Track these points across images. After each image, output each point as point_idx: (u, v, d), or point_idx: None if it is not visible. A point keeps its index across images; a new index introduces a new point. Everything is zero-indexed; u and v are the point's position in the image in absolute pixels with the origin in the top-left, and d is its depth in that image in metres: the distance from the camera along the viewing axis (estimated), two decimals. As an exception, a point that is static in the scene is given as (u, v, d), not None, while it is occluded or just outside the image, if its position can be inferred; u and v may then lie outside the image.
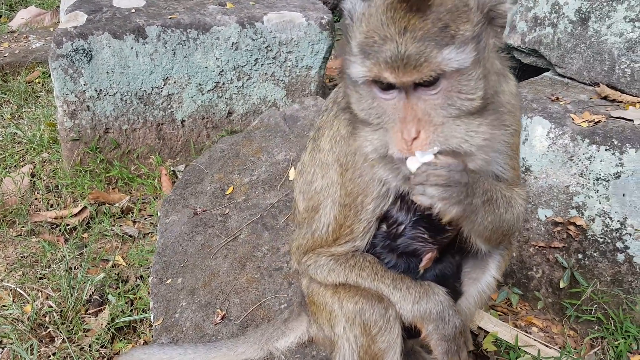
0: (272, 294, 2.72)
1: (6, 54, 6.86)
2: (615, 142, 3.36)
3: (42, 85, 6.58)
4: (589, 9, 3.81)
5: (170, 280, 2.93)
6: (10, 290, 3.86)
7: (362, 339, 2.00)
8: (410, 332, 2.06)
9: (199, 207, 3.30)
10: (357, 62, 1.64)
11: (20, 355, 3.31)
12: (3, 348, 3.44)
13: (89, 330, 3.59)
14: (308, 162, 2.19)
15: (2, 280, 3.96)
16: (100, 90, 4.62)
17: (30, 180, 4.94)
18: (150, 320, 3.56)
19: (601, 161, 3.42)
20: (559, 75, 4.12)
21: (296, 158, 3.31)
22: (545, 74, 4.23)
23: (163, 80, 4.74)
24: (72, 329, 3.56)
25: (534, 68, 4.46)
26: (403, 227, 1.99)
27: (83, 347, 3.44)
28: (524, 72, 5.26)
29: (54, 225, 4.53)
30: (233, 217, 3.20)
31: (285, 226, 3.07)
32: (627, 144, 3.32)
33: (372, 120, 1.72)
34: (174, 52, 4.65)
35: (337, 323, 2.07)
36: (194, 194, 3.44)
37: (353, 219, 1.99)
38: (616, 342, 3.52)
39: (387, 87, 1.66)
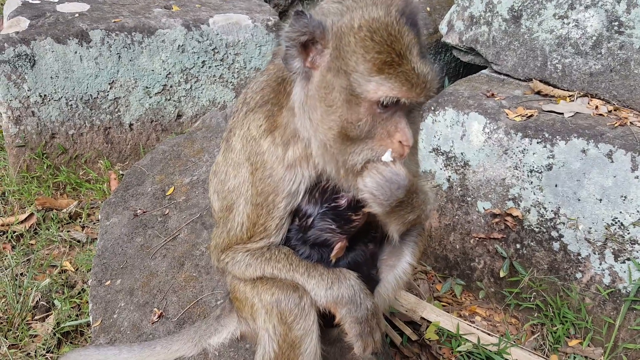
0: (209, 291, 2.76)
1: None
2: (547, 135, 3.49)
3: None
4: (520, 7, 3.93)
5: (109, 281, 2.93)
6: None
7: (280, 328, 2.06)
8: (329, 321, 2.12)
9: (140, 209, 3.31)
10: (374, 81, 1.69)
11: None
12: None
13: (35, 336, 3.57)
14: (221, 162, 2.23)
15: None
16: (45, 95, 4.58)
17: None
18: (96, 324, 3.58)
19: (534, 154, 3.54)
20: (495, 72, 4.24)
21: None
22: (483, 71, 4.35)
23: (109, 84, 4.72)
24: (18, 336, 3.54)
25: (473, 66, 4.59)
26: (312, 219, 2.07)
27: (29, 353, 3.42)
28: (464, 70, 5.42)
29: (1, 233, 4.46)
30: (173, 217, 3.23)
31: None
32: (557, 137, 3.45)
33: (357, 133, 1.78)
34: (119, 56, 4.63)
35: (258, 315, 2.12)
36: (134, 196, 3.44)
37: (266, 217, 2.05)
38: (554, 328, 3.66)
39: (391, 104, 1.74)
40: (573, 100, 3.74)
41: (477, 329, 3.63)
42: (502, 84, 4.10)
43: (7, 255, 4.18)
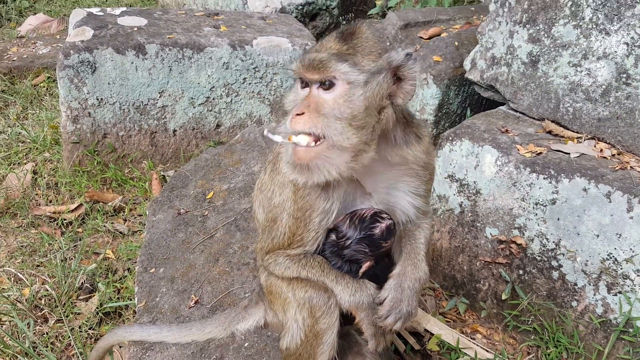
0: (239, 284, 3.14)
1: (14, 58, 7.21)
2: (552, 172, 3.71)
3: (47, 89, 6.92)
4: (538, 53, 4.21)
5: (154, 269, 3.34)
6: (11, 274, 4.23)
7: (309, 320, 2.44)
8: (346, 319, 2.52)
9: (182, 208, 3.72)
10: (293, 63, 2.16)
11: (20, 329, 3.69)
12: (2, 325, 3.84)
13: (79, 313, 3.95)
14: (268, 181, 2.64)
15: (3, 266, 4.33)
16: (102, 99, 5.03)
17: (32, 177, 5.28)
18: (134, 308, 3.98)
19: (540, 188, 3.77)
20: (512, 109, 4.48)
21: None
22: (500, 107, 4.59)
23: (159, 93, 5.15)
24: (65, 312, 3.92)
25: (493, 101, 4.89)
26: (350, 241, 2.47)
27: (73, 328, 3.80)
28: (485, 102, 5.70)
29: (52, 219, 4.88)
30: (211, 218, 3.62)
31: (254, 228, 3.51)
32: (562, 174, 3.67)
33: (290, 110, 2.21)
34: (170, 68, 5.07)
35: (290, 308, 2.51)
36: (178, 197, 3.86)
37: (303, 229, 2.42)
38: (549, 351, 3.83)
39: (304, 85, 2.16)
40: (580, 142, 3.96)
41: (476, 344, 3.87)
42: (517, 121, 4.35)
43: (57, 240, 4.61)
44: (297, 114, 2.07)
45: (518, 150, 3.96)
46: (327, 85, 2.08)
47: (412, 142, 2.34)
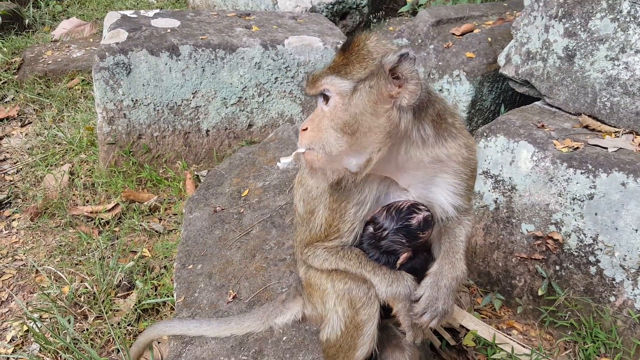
0: (276, 280, 3.17)
1: (49, 62, 7.37)
2: (590, 167, 3.69)
3: (82, 92, 7.05)
4: (575, 47, 4.17)
5: (192, 266, 3.38)
6: (51, 273, 4.33)
7: (349, 311, 2.45)
8: (385, 313, 2.52)
9: (218, 206, 3.77)
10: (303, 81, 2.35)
11: (61, 325, 3.78)
12: (43, 321, 3.93)
13: (118, 310, 4.03)
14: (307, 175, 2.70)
15: (43, 264, 4.44)
16: (136, 100, 5.11)
17: (69, 178, 5.39)
18: (171, 304, 4.04)
19: (577, 183, 3.75)
20: (548, 104, 4.46)
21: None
22: (536, 103, 4.57)
23: (192, 93, 5.22)
24: (104, 309, 3.99)
25: (528, 96, 4.85)
26: (387, 232, 2.48)
27: (112, 325, 3.88)
28: (520, 98, 5.66)
29: (90, 219, 4.97)
30: (247, 216, 3.66)
31: (290, 225, 3.54)
32: (600, 169, 3.65)
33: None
34: (203, 69, 5.14)
35: (329, 299, 2.52)
36: (214, 195, 3.91)
37: (339, 220, 2.46)
38: (586, 346, 3.82)
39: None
40: (618, 136, 3.94)
41: (513, 340, 3.85)
42: (553, 116, 4.32)
43: (94, 239, 4.70)
44: (303, 130, 2.27)
45: (554, 145, 3.94)
46: (326, 97, 2.21)
47: (446, 140, 2.34)
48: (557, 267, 3.97)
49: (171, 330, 3.00)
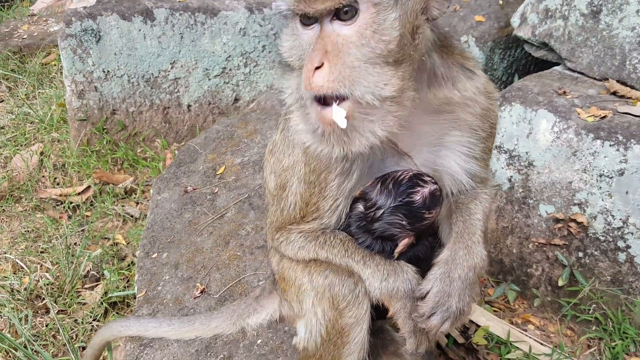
0: (252, 270, 2.86)
1: (25, 36, 7.11)
2: (620, 138, 3.34)
3: (58, 67, 6.79)
4: (600, 2, 3.80)
5: (156, 254, 3.09)
6: (11, 262, 4.02)
7: (330, 313, 2.01)
8: (379, 312, 2.06)
9: (190, 186, 3.42)
10: None
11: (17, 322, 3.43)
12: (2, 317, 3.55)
13: (84, 304, 3.74)
14: (279, 140, 2.20)
15: (5, 253, 4.13)
16: (108, 71, 4.75)
17: (39, 159, 5.08)
18: (142, 298, 3.67)
19: (605, 157, 3.41)
20: (569, 69, 4.11)
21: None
22: (555, 67, 4.22)
23: (170, 63, 4.86)
24: (68, 302, 3.70)
25: (545, 62, 4.43)
26: (382, 211, 2.00)
27: (77, 320, 3.58)
28: (534, 68, 5.24)
29: (59, 203, 4.69)
30: (221, 196, 3.35)
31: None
32: (632, 140, 3.30)
33: (294, 61, 1.70)
34: (182, 36, 4.76)
35: (306, 297, 2.08)
36: (186, 173, 3.58)
37: (318, 196, 1.99)
38: (613, 344, 3.54)
39: (308, 21, 1.63)
40: None
41: (529, 337, 3.56)
42: (575, 82, 3.97)
43: (62, 224, 4.38)
44: (317, 67, 1.56)
45: (578, 114, 3.60)
46: (347, 14, 1.55)
47: (460, 77, 1.83)
48: (580, 254, 3.65)
49: (127, 330, 2.65)
